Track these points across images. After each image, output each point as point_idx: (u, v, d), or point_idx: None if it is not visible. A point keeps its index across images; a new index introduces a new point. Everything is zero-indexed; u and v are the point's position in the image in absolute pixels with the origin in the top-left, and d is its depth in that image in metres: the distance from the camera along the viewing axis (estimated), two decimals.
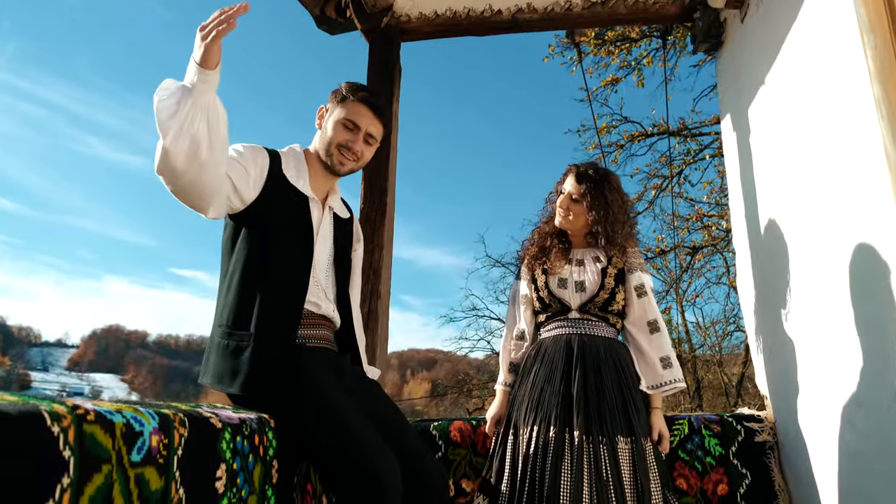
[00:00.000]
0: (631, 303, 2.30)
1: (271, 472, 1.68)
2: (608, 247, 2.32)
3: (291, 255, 1.86)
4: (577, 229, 2.38)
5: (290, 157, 1.95)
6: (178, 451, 1.31)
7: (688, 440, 2.49)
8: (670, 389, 2.23)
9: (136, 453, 1.19)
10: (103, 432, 1.11)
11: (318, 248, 1.94)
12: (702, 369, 14.41)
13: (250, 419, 1.62)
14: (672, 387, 2.23)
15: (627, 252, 2.35)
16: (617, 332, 2.35)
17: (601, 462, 2.05)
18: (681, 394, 14.01)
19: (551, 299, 2.34)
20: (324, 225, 1.99)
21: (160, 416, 1.29)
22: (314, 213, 1.94)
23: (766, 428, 2.50)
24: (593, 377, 2.18)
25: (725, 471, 2.43)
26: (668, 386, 2.23)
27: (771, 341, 2.59)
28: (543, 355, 2.31)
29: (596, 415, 2.12)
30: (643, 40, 9.38)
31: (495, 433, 2.34)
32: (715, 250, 11.58)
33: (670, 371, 2.24)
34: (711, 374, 14.37)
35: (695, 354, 14.22)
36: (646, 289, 2.31)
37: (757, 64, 2.62)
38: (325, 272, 1.99)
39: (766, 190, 2.63)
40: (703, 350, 14.50)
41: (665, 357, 2.25)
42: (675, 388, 2.23)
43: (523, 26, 3.32)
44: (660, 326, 2.29)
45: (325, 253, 2.00)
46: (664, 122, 10.67)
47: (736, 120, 2.93)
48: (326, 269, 2.00)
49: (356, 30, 3.74)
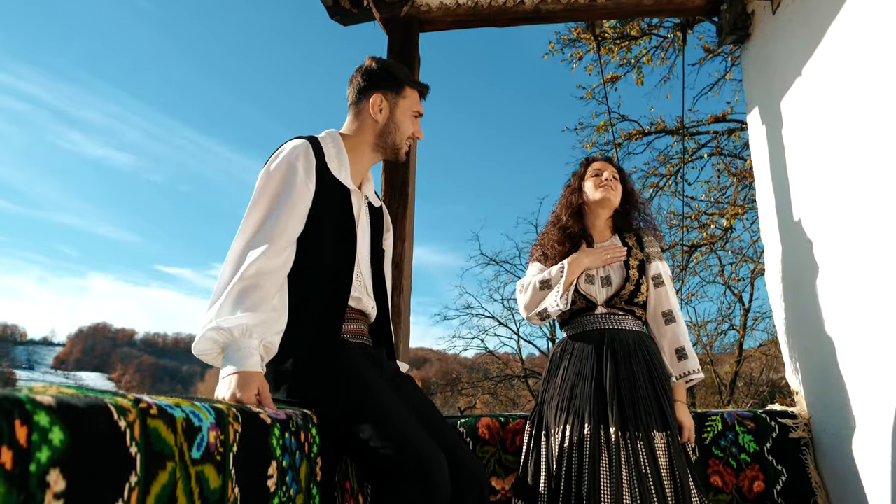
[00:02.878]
0: (650, 292, 2.30)
1: (316, 470, 1.61)
2: (626, 235, 2.37)
3: (335, 250, 1.79)
4: (612, 206, 2.40)
5: (330, 147, 1.84)
6: (233, 448, 1.24)
7: (721, 437, 2.45)
8: (687, 381, 2.21)
9: (196, 450, 1.12)
10: (166, 427, 1.04)
11: (360, 241, 1.86)
12: None
13: (295, 415, 1.55)
14: (688, 378, 2.21)
15: (644, 241, 2.37)
16: (643, 324, 2.33)
17: (640, 458, 2.00)
18: None
19: (577, 296, 2.29)
20: (362, 215, 1.92)
21: (215, 411, 1.22)
22: (354, 205, 1.86)
23: (801, 424, 2.47)
24: (625, 371, 2.14)
25: (761, 467, 2.39)
26: (684, 378, 2.21)
27: (805, 339, 2.56)
28: (571, 352, 2.26)
29: (630, 410, 2.07)
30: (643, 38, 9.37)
31: (528, 434, 2.27)
32: (712, 249, 11.62)
33: (685, 363, 2.22)
34: (704, 372, 14.40)
35: None
36: (663, 278, 2.31)
37: (791, 56, 2.58)
38: (367, 264, 1.93)
39: (798, 184, 2.59)
40: (697, 349, 14.58)
41: (680, 348, 2.24)
42: (692, 380, 2.22)
43: (545, 17, 3.27)
44: (675, 317, 2.28)
45: (365, 244, 1.93)
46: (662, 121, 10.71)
47: (765, 112, 2.89)
48: (367, 262, 1.93)
49: (370, 20, 3.67)
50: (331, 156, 1.82)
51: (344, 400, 1.65)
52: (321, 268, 1.75)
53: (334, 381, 1.68)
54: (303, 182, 1.71)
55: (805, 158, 2.53)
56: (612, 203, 2.39)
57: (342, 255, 1.79)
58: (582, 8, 3.17)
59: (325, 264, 1.76)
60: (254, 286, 1.56)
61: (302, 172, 1.71)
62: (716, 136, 10.47)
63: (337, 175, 1.81)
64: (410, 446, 1.57)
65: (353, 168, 1.88)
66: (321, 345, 1.70)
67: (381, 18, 3.41)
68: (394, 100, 1.92)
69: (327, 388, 1.67)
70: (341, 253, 1.79)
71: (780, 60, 2.70)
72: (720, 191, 10.42)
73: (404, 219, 3.01)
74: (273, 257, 1.61)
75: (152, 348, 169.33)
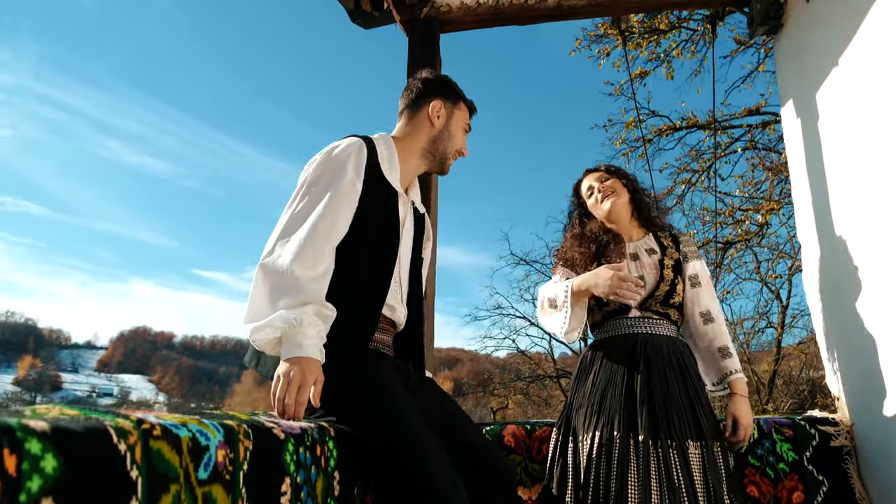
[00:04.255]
0: (687, 293, 2.22)
1: (333, 485, 1.58)
2: (657, 231, 2.29)
3: (376, 254, 1.73)
4: (622, 213, 2.30)
5: (383, 149, 1.81)
6: (244, 466, 1.21)
7: (758, 445, 2.34)
8: (735, 380, 2.15)
9: (203, 470, 1.09)
10: (170, 448, 1.01)
11: (402, 246, 1.82)
12: None
13: (311, 428, 1.52)
14: (734, 377, 2.15)
15: (681, 241, 2.29)
16: (678, 329, 2.23)
17: (671, 468, 1.92)
18: None
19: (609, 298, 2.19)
20: (407, 221, 1.88)
21: (225, 429, 1.19)
22: (401, 210, 1.81)
23: (843, 432, 2.35)
24: (658, 377, 2.06)
25: (800, 477, 2.29)
26: (732, 376, 2.15)
27: (846, 341, 2.44)
28: (602, 357, 2.18)
29: (663, 418, 2.00)
30: (672, 31, 9.17)
31: (554, 441, 2.21)
32: (747, 245, 11.31)
33: (731, 360, 2.17)
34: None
35: None
36: (699, 279, 2.23)
37: (826, 45, 2.46)
38: (406, 271, 1.88)
39: (836, 178, 2.47)
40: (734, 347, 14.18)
41: (724, 346, 2.18)
42: (738, 378, 2.16)
43: (568, 14, 3.20)
44: (713, 317, 2.21)
45: (407, 250, 1.89)
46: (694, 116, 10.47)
47: (800, 105, 2.77)
48: (407, 269, 1.88)
49: (391, 23, 3.65)
50: (383, 158, 1.78)
51: (368, 416, 1.60)
52: (360, 271, 1.70)
53: (361, 395, 1.62)
54: (350, 182, 1.67)
55: (842, 152, 2.42)
56: (619, 207, 2.29)
57: (383, 261, 1.74)
58: (606, 3, 3.09)
59: (365, 268, 1.71)
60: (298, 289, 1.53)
61: (352, 172, 1.68)
62: (749, 129, 10.19)
63: (387, 177, 1.77)
64: (429, 474, 1.51)
65: (402, 172, 1.85)
66: (351, 355, 1.65)
67: (401, 21, 3.38)
68: (451, 109, 1.94)
69: (353, 402, 1.62)
70: (382, 258, 1.74)
71: (815, 50, 2.58)
72: (755, 186, 10.14)
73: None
74: (316, 264, 1.57)
75: (190, 351, 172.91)
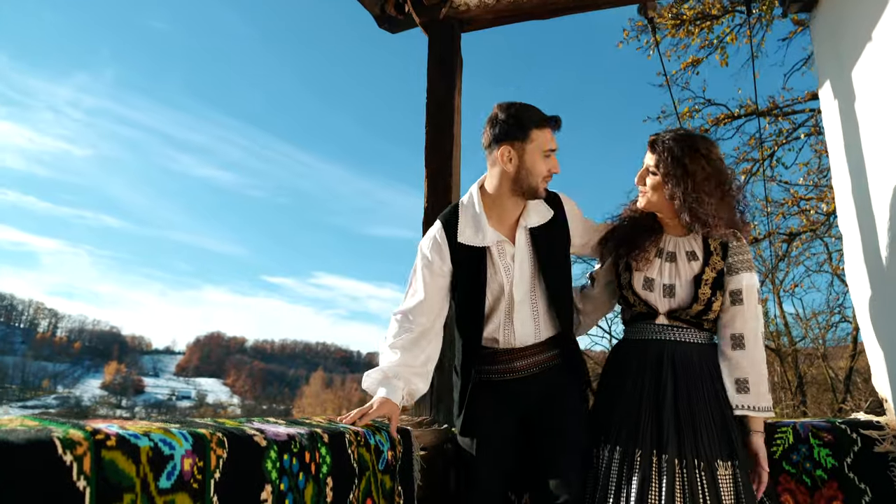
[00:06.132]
0: (725, 308, 2.00)
1: (325, 491, 1.58)
2: (705, 231, 1.98)
3: (468, 304, 2.13)
4: (662, 209, 2.06)
5: (468, 216, 2.13)
6: (215, 474, 1.23)
7: (793, 450, 2.20)
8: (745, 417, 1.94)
9: (166, 479, 1.11)
10: (125, 458, 1.03)
11: (505, 281, 2.09)
12: (804, 363, 13.42)
13: (300, 435, 1.53)
14: (742, 413, 1.93)
15: (731, 248, 2.01)
16: (712, 335, 2.06)
17: (697, 490, 1.79)
18: (782, 390, 13.10)
19: (636, 300, 2.07)
20: (520, 250, 2.11)
21: (194, 437, 1.20)
22: (496, 255, 2.10)
23: (889, 436, 2.17)
24: (685, 390, 1.92)
25: (840, 485, 2.13)
26: (738, 411, 1.94)
27: (891, 337, 2.26)
28: (629, 360, 2.06)
29: (691, 435, 1.86)
30: (725, 16, 8.80)
31: None
32: (814, 235, 10.71)
33: (745, 396, 1.93)
34: (815, 368, 13.35)
35: (796, 348, 13.26)
36: (742, 296, 1.97)
37: (862, 21, 2.29)
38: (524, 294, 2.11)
39: (877, 164, 2.29)
40: (805, 343, 13.49)
41: (742, 379, 1.94)
42: (750, 415, 1.93)
43: (589, 5, 3.11)
44: (744, 343, 1.95)
45: (525, 276, 2.11)
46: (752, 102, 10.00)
47: (837, 86, 2.59)
48: (529, 289, 2.12)
49: (417, 25, 3.64)
50: (464, 226, 2.12)
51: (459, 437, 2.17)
52: (460, 319, 2.17)
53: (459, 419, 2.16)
54: (439, 265, 2.13)
55: (883, 136, 2.24)
56: (654, 209, 2.08)
57: (473, 307, 2.11)
58: None
59: (463, 316, 2.16)
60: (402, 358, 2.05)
61: (438, 260, 2.13)
62: (814, 114, 9.65)
63: (470, 242, 2.10)
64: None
65: (498, 218, 2.12)
66: (460, 388, 2.17)
67: (421, 22, 3.37)
68: (521, 147, 2.01)
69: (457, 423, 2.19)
70: (472, 306, 2.11)
71: (850, 27, 2.41)
72: (820, 173, 9.58)
73: None
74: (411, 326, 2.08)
75: (261, 354, 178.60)
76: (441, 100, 3.16)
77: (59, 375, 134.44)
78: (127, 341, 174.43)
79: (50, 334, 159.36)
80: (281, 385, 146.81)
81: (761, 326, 1.99)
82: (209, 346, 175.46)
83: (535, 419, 2.10)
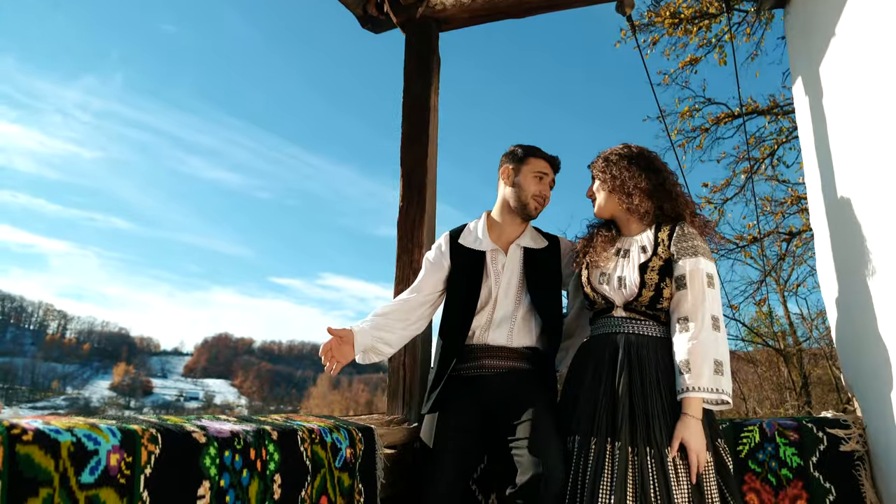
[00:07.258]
0: (673, 295, 2.02)
1: (272, 488, 1.58)
2: (647, 221, 2.12)
3: (460, 300, 2.31)
4: (613, 211, 2.20)
5: (471, 229, 2.44)
6: (145, 470, 1.23)
7: (759, 449, 2.19)
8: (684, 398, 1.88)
9: (89, 474, 1.12)
10: (43, 453, 1.04)
11: (494, 286, 2.31)
12: (809, 363, 13.31)
13: (245, 432, 1.53)
14: (683, 395, 1.88)
15: (675, 237, 2.04)
16: (668, 330, 2.06)
17: (648, 475, 1.83)
18: (787, 390, 13.00)
19: (595, 295, 2.14)
20: (511, 261, 2.35)
21: (123, 434, 1.21)
22: (489, 261, 2.34)
23: (855, 435, 2.16)
24: (640, 381, 1.96)
25: (805, 485, 2.12)
26: (681, 394, 1.89)
27: (859, 335, 2.24)
28: (589, 354, 2.13)
29: (644, 423, 1.90)
30: (722, 15, 8.76)
31: None
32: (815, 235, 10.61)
33: (682, 378, 1.89)
34: (820, 368, 13.24)
35: (800, 348, 13.16)
36: (686, 280, 1.97)
37: (832, 16, 2.28)
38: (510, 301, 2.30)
39: (845, 160, 2.28)
40: (810, 343, 13.38)
41: (684, 361, 1.90)
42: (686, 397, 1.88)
43: (563, 3, 3.10)
44: (688, 326, 1.93)
45: (513, 285, 2.32)
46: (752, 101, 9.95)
47: (808, 82, 2.57)
48: (514, 298, 2.31)
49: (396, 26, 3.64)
50: (467, 233, 2.43)
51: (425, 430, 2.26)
52: (449, 313, 2.34)
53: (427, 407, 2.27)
54: (438, 258, 2.41)
55: (850, 132, 2.23)
56: (603, 210, 2.22)
57: (464, 304, 2.30)
58: None
59: (452, 311, 2.33)
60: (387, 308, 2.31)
61: (438, 255, 2.42)
62: None
63: (471, 246, 2.38)
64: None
65: (498, 234, 2.40)
66: (434, 380, 2.29)
67: (399, 22, 3.37)
68: (517, 166, 2.37)
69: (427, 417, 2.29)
70: (464, 302, 2.30)
71: (819, 22, 2.39)
72: None
73: (422, 224, 2.94)
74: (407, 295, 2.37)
75: (269, 355, 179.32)
76: (418, 98, 3.16)
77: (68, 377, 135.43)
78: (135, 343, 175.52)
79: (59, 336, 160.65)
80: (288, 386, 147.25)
81: (713, 310, 1.94)
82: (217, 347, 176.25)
83: (500, 411, 2.15)
